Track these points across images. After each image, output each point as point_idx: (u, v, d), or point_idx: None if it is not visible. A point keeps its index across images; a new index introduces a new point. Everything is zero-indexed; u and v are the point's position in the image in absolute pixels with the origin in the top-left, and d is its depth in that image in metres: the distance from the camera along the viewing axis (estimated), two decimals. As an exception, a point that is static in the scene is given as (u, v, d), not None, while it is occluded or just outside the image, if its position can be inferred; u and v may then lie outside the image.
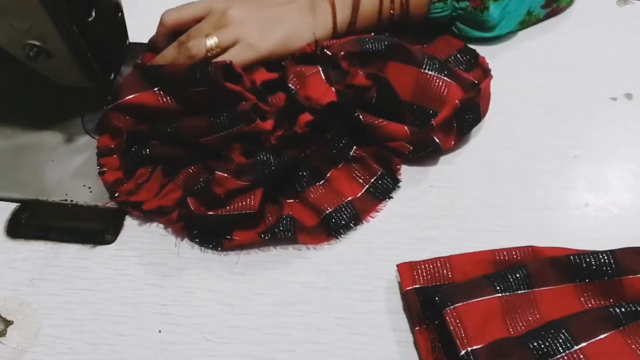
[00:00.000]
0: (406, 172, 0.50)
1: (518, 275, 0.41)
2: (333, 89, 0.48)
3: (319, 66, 0.50)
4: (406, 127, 0.48)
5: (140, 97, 0.48)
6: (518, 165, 0.51)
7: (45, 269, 0.45)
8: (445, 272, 0.43)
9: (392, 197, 0.48)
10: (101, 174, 0.49)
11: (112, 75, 0.51)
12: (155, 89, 0.49)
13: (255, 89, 0.49)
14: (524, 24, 0.61)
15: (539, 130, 0.53)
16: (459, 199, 0.49)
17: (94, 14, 0.45)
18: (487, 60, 0.57)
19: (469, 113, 0.50)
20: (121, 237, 0.47)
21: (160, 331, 0.42)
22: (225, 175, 0.44)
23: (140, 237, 0.47)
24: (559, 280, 0.41)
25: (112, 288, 0.44)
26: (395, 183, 0.48)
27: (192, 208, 0.45)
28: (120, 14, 0.51)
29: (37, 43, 0.44)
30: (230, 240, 0.45)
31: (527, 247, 0.43)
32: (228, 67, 0.48)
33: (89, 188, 0.49)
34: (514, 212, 0.48)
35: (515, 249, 0.43)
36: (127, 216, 0.48)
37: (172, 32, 0.53)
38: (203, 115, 0.47)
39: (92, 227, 0.47)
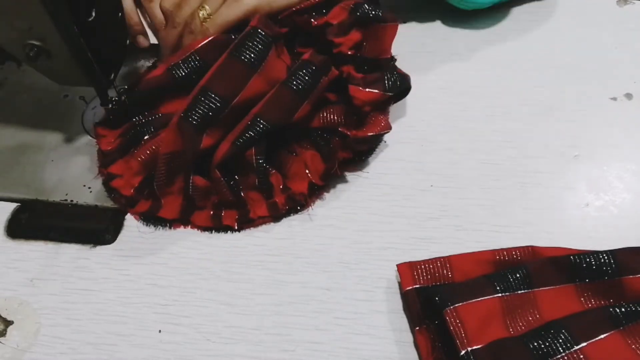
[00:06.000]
0: (406, 172, 0.50)
1: (518, 275, 0.41)
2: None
3: None
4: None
5: (195, 153, 0.47)
6: (518, 165, 0.51)
7: (45, 269, 0.45)
8: (445, 272, 0.43)
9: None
10: (220, 228, 0.47)
11: (112, 75, 0.50)
12: (205, 133, 0.47)
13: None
14: None
15: (539, 130, 0.53)
16: (459, 199, 0.49)
17: (94, 14, 0.45)
18: (488, 60, 0.57)
19: None
20: (121, 237, 0.47)
21: (160, 331, 0.42)
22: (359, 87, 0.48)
23: (140, 237, 0.47)
24: (559, 280, 0.41)
25: (112, 288, 0.44)
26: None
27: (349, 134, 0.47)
28: (120, 14, 0.51)
29: (37, 43, 0.44)
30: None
31: (527, 247, 0.43)
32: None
33: (89, 188, 0.49)
34: (514, 212, 0.48)
35: (515, 249, 0.43)
36: (127, 216, 0.48)
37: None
38: (279, 90, 0.47)
39: (92, 227, 0.47)
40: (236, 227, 0.47)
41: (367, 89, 0.48)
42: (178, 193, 0.48)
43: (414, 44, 0.60)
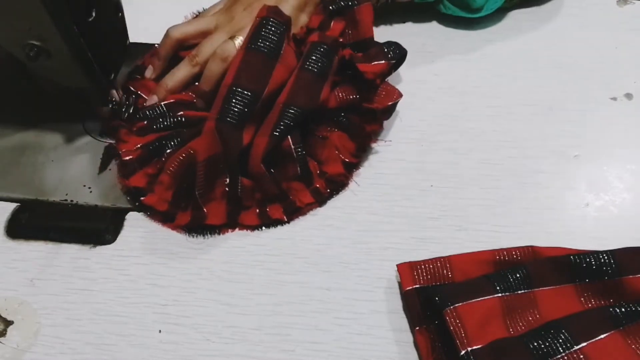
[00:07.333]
0: (406, 172, 0.50)
1: (518, 275, 0.41)
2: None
3: None
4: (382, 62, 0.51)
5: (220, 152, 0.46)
6: (518, 165, 0.51)
7: (45, 269, 0.45)
8: (445, 272, 0.43)
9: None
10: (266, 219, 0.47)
11: (112, 75, 0.51)
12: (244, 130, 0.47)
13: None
14: (508, 2, 0.61)
15: (539, 130, 0.53)
16: (459, 199, 0.49)
17: (94, 14, 0.45)
18: (488, 60, 0.57)
19: None
20: (121, 237, 0.47)
21: (160, 331, 0.42)
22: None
23: (140, 237, 0.47)
24: (559, 280, 0.41)
25: (112, 288, 0.44)
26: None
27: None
28: (120, 14, 0.51)
29: (37, 43, 0.44)
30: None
31: (527, 247, 0.43)
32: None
33: (89, 188, 0.49)
34: (514, 212, 0.48)
35: (515, 249, 0.43)
36: (127, 216, 0.48)
37: (177, 46, 0.54)
38: (299, 75, 0.48)
39: (92, 227, 0.47)
40: (285, 219, 0.47)
41: (373, 63, 0.50)
42: (221, 197, 0.47)
43: (414, 44, 0.60)
